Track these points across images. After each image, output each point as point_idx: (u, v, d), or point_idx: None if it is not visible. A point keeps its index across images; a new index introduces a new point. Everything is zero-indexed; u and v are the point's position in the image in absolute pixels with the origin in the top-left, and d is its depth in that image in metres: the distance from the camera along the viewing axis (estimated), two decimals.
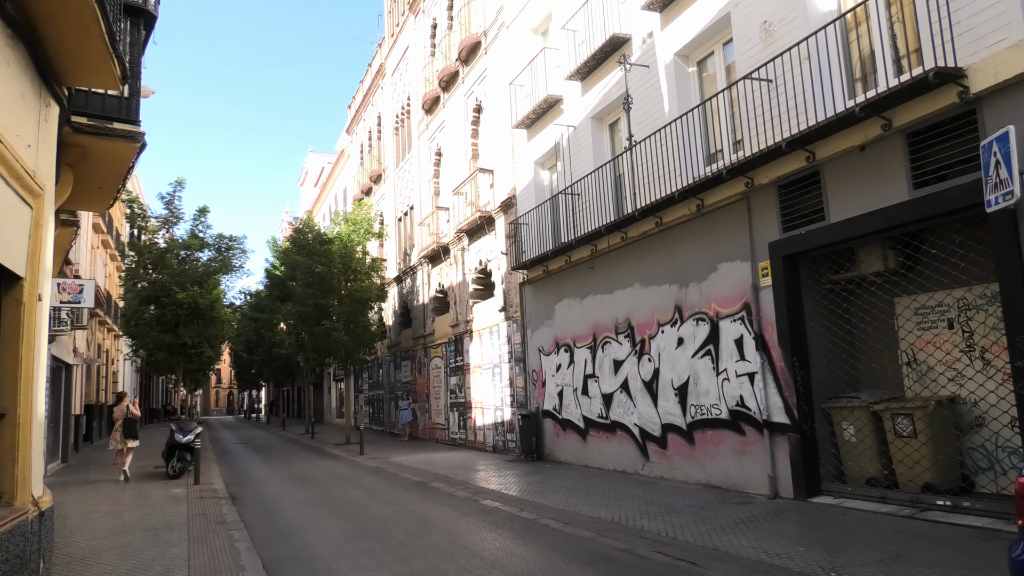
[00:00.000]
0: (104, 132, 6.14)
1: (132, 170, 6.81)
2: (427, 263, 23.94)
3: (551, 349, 15.51)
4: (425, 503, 10.64)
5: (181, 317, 17.91)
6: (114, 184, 7.22)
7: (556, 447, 15.24)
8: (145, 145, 6.38)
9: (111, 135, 6.17)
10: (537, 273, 15.89)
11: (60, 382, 19.47)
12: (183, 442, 14.67)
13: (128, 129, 6.23)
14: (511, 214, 17.48)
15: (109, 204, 8.08)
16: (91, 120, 6.15)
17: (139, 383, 43.63)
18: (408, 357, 26.18)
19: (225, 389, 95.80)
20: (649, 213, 11.45)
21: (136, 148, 6.32)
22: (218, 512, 10.21)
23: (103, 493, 12.67)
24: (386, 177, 29.77)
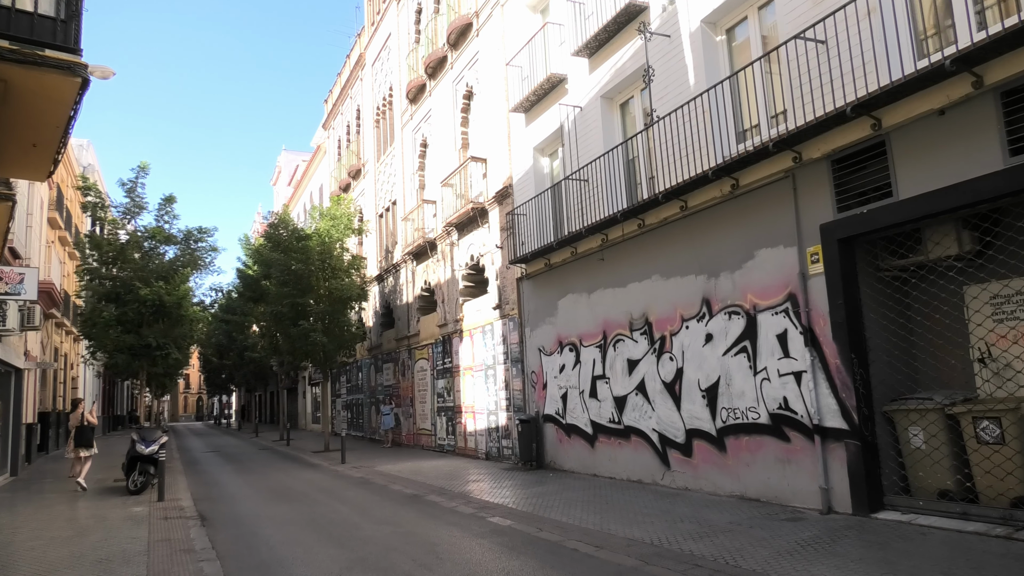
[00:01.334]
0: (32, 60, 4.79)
1: (73, 120, 5.46)
2: (411, 260, 22.61)
3: (553, 348, 14.31)
4: (425, 522, 9.35)
5: (144, 316, 16.33)
6: (52, 140, 5.85)
7: (559, 454, 14.04)
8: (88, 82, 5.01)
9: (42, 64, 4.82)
10: (538, 267, 14.69)
11: (8, 388, 17.77)
12: (145, 454, 13.17)
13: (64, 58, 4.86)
14: (507, 205, 16.27)
15: (49, 171, 6.69)
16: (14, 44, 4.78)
17: (102, 389, 41.45)
18: (390, 359, 24.79)
19: (194, 394, 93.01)
20: (673, 196, 10.32)
21: (76, 86, 4.97)
22: (185, 536, 8.81)
23: (53, 512, 11.15)
24: (366, 172, 28.36)
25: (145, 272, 16.46)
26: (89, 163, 31.18)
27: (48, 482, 15.78)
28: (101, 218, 16.75)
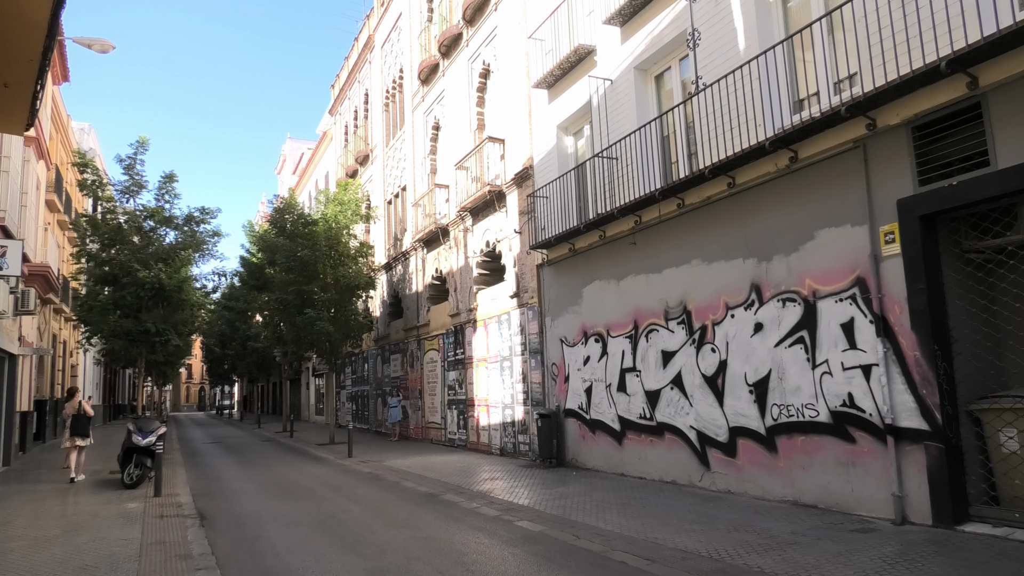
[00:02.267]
0: None
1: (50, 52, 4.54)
2: (422, 247, 21.72)
3: (577, 339, 13.42)
4: (446, 525, 8.49)
5: (143, 300, 15.46)
6: (26, 78, 4.92)
7: (582, 451, 13.17)
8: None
9: None
10: (561, 252, 13.79)
11: (1, 374, 16.94)
12: (142, 445, 12.33)
13: None
14: (527, 187, 15.36)
15: (27, 120, 5.80)
16: None
17: (102, 377, 40.68)
18: (398, 350, 23.93)
19: (196, 384, 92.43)
20: (721, 172, 9.41)
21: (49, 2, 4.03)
22: (181, 539, 7.95)
23: (41, 508, 10.31)
24: (374, 157, 27.46)
25: (144, 254, 15.58)
26: (91, 147, 30.33)
27: (42, 473, 14.97)
28: (99, 197, 15.86)
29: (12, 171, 15.19)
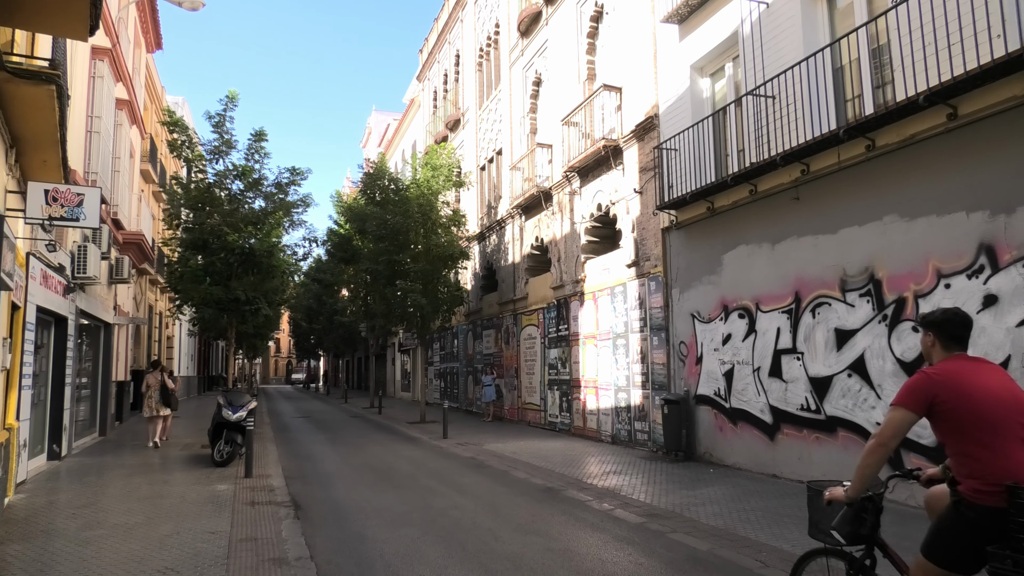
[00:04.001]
0: None
1: None
2: (520, 215, 20.16)
3: (714, 314, 11.55)
4: (584, 534, 6.91)
5: (233, 267, 14.55)
6: None
7: (718, 445, 11.35)
8: None
9: None
10: (695, 213, 11.90)
11: (97, 343, 16.55)
12: (232, 420, 11.37)
13: None
14: (649, 140, 13.49)
15: (89, 22, 4.56)
16: None
17: (196, 349, 41.48)
18: (492, 326, 22.56)
19: (284, 358, 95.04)
20: (938, 100, 7.33)
21: None
22: (275, 535, 6.70)
23: (128, 486, 9.41)
24: (466, 121, 26.03)
25: (234, 218, 14.66)
26: None
27: (134, 446, 14.39)
28: (189, 159, 15.02)
29: (104, 132, 14.49)
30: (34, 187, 6.97)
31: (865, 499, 3.27)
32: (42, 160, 7.31)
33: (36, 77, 5.42)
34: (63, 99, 6.19)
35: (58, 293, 11.33)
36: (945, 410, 2.98)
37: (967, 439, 2.95)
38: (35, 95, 5.68)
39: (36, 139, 6.61)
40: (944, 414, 2.99)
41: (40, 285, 10.03)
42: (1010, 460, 2.84)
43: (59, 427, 12.00)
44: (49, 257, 10.52)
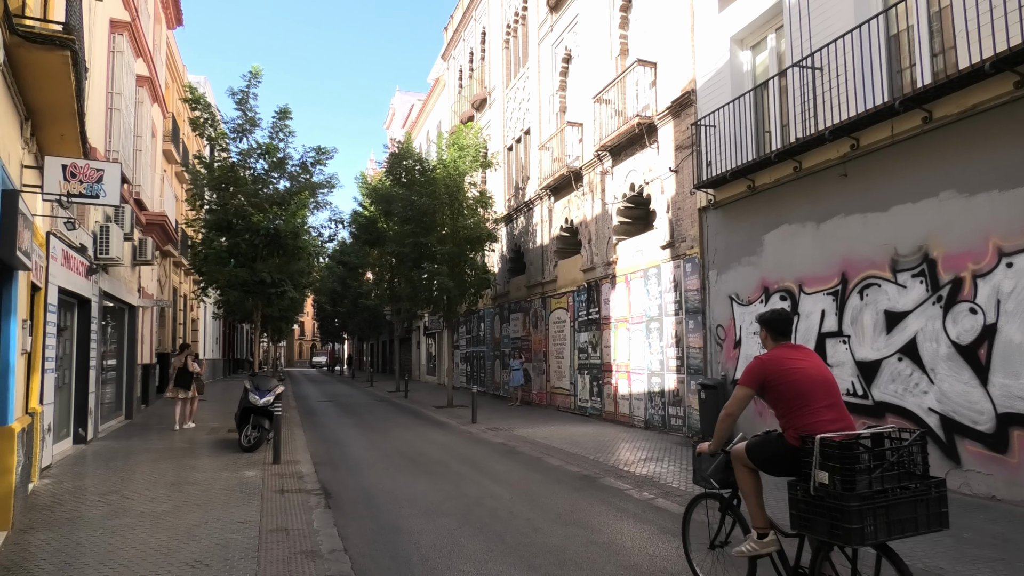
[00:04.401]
0: None
1: None
2: (548, 196, 19.73)
3: (754, 296, 11.11)
4: (627, 525, 6.59)
5: (258, 248, 14.36)
6: None
7: (757, 431, 10.91)
8: None
9: None
10: (734, 192, 11.42)
11: (122, 326, 16.50)
12: (259, 405, 11.20)
13: None
14: (686, 117, 12.98)
15: None
16: None
17: (221, 332, 41.74)
18: (520, 309, 22.24)
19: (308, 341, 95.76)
20: (1006, 67, 6.80)
21: None
22: (306, 525, 6.47)
23: (155, 471, 9.26)
24: (492, 100, 25.56)
25: (259, 199, 14.44)
26: None
27: (160, 429, 14.32)
28: (212, 138, 14.79)
29: (124, 109, 14.29)
30: (51, 162, 6.73)
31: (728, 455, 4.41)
32: (59, 134, 7.07)
33: (49, 42, 5.15)
34: (79, 67, 5.92)
35: (80, 274, 11.19)
36: (773, 386, 3.94)
37: (786, 406, 3.90)
38: (49, 61, 5.41)
39: (52, 111, 6.36)
40: (772, 389, 3.96)
41: (62, 266, 9.88)
42: (811, 420, 3.79)
43: (84, 410, 11.93)
44: (70, 237, 10.35)
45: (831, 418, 3.81)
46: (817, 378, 3.92)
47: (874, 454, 3.49)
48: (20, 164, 6.55)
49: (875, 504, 3.37)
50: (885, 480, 3.45)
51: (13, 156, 6.15)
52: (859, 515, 3.34)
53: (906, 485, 3.48)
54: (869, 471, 3.43)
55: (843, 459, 3.42)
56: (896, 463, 3.50)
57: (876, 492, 3.40)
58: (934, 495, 3.48)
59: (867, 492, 3.39)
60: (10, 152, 5.93)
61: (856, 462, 3.43)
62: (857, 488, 3.39)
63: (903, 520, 3.42)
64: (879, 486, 3.42)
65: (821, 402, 3.84)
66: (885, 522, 3.38)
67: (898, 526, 3.41)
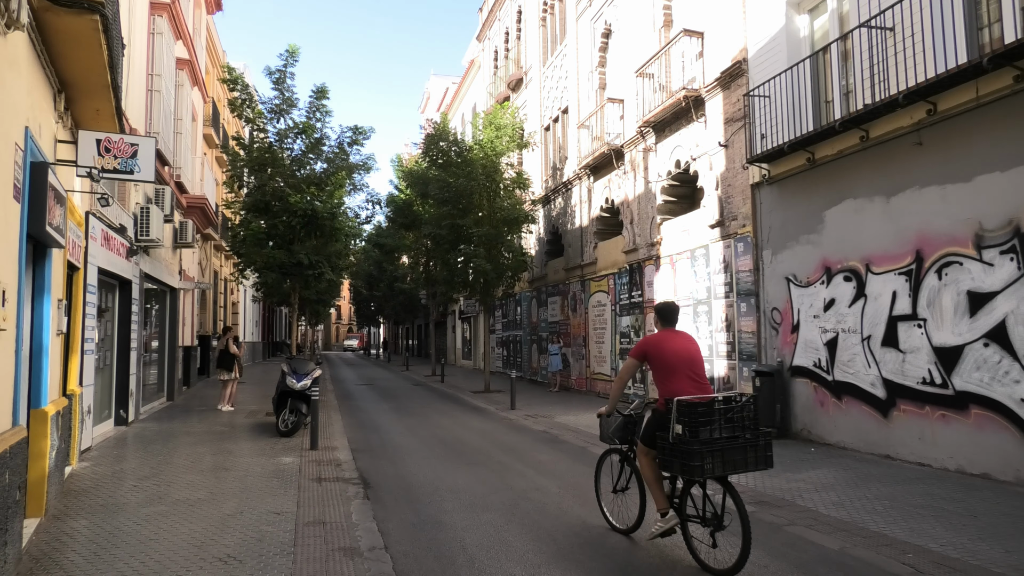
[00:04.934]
0: None
1: None
2: (588, 175, 19.13)
3: (813, 277, 10.44)
4: None
5: (296, 230, 14.11)
6: None
7: (818, 422, 10.33)
8: None
9: None
10: (791, 166, 10.73)
11: (164, 308, 16.48)
12: (296, 389, 10.96)
13: None
14: (736, 88, 12.28)
15: None
16: None
17: (261, 315, 42.11)
18: (557, 292, 21.73)
19: (345, 325, 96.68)
20: None
21: None
22: (344, 519, 6.12)
23: (192, 456, 9.06)
24: (528, 80, 24.94)
25: (296, 180, 14.16)
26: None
27: (201, 411, 14.25)
28: (250, 119, 14.53)
29: (164, 91, 14.13)
30: (85, 136, 6.45)
31: (627, 417, 5.56)
32: (95, 109, 6.77)
33: (77, 5, 4.80)
34: (111, 35, 5.58)
35: (121, 255, 11.04)
36: (651, 359, 5.10)
37: (659, 374, 5.04)
38: (78, 27, 5.07)
39: (84, 83, 6.05)
40: (651, 361, 5.11)
41: (101, 246, 9.70)
42: (675, 387, 4.88)
43: (126, 392, 11.84)
44: (110, 217, 10.18)
45: (690, 387, 4.94)
46: (684, 355, 5.09)
47: (714, 412, 4.69)
48: (53, 138, 6.26)
49: (713, 448, 4.60)
50: (723, 431, 4.68)
51: (45, 128, 5.85)
52: (700, 455, 4.57)
53: (740, 435, 4.73)
54: (710, 424, 4.66)
55: (690, 415, 4.65)
56: (733, 419, 4.72)
57: (715, 439, 4.64)
58: (761, 443, 4.77)
59: (707, 439, 4.63)
60: (41, 124, 5.63)
61: (699, 417, 4.66)
62: (700, 436, 4.63)
63: (735, 460, 4.67)
64: (718, 435, 4.66)
65: (684, 373, 5.01)
66: (721, 461, 4.61)
67: (731, 465, 4.65)
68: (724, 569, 4.65)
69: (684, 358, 5.05)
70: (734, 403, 4.76)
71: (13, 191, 4.52)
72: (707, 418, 4.65)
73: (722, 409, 4.70)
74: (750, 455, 4.71)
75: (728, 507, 4.70)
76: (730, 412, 4.71)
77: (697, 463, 4.54)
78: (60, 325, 6.77)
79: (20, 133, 4.72)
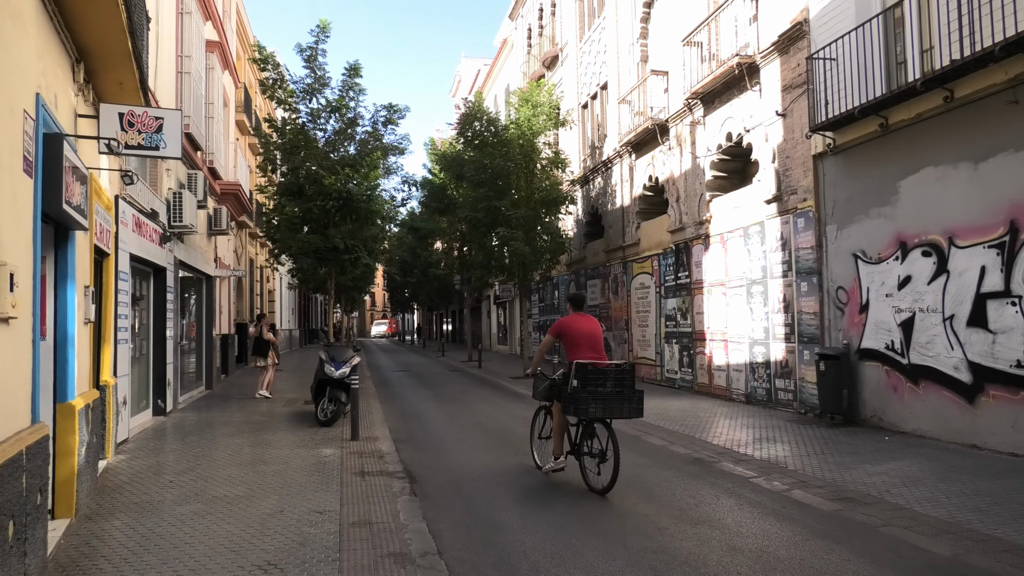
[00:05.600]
0: None
1: None
2: (629, 153, 18.37)
3: (886, 253, 9.65)
4: (770, 525, 5.50)
5: (331, 213, 13.69)
6: None
7: (891, 408, 9.58)
8: None
9: None
10: (860, 133, 9.92)
11: (200, 296, 16.26)
12: (335, 377, 10.56)
13: None
14: (796, 52, 11.44)
15: None
16: None
17: (296, 303, 42.18)
18: (597, 275, 21.06)
19: (379, 312, 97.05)
20: None
21: None
22: (392, 518, 5.65)
23: (230, 449, 8.70)
24: (564, 57, 24.14)
25: (331, 161, 13.72)
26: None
27: (239, 400, 13.99)
28: (282, 100, 14.09)
29: (194, 73, 13.76)
30: (107, 109, 6.02)
31: (552, 381, 7.10)
32: (117, 82, 6.34)
33: None
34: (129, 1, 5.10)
35: (154, 242, 10.72)
36: (563, 336, 6.91)
37: (568, 347, 6.86)
38: None
39: (103, 51, 5.59)
40: (563, 338, 6.91)
41: (133, 232, 9.35)
42: (577, 355, 6.69)
43: (163, 382, 11.58)
44: (141, 202, 9.83)
45: (590, 355, 6.71)
46: (586, 333, 6.87)
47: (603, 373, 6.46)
48: (73, 112, 5.84)
49: (595, 397, 6.35)
50: (606, 386, 6.42)
51: (62, 99, 5.42)
52: (586, 402, 6.32)
53: (627, 393, 6.47)
54: (599, 382, 6.41)
55: (582, 373, 6.40)
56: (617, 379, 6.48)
57: (599, 392, 6.38)
58: (635, 398, 6.48)
59: (592, 391, 6.37)
60: (57, 94, 5.20)
61: (589, 375, 6.41)
62: (587, 389, 6.36)
63: (613, 408, 6.41)
64: (602, 389, 6.40)
65: (585, 345, 6.78)
66: (603, 408, 6.36)
67: (610, 411, 6.40)
68: (602, 487, 6.39)
69: (587, 335, 6.90)
70: (619, 368, 6.55)
71: (23, 163, 4.06)
72: (595, 376, 6.43)
73: (610, 371, 6.50)
74: (626, 406, 6.46)
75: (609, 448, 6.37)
76: (617, 374, 6.51)
77: (583, 407, 6.36)
78: (88, 313, 6.39)
79: (30, 100, 4.26)
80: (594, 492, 6.41)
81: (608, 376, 6.42)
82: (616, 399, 6.39)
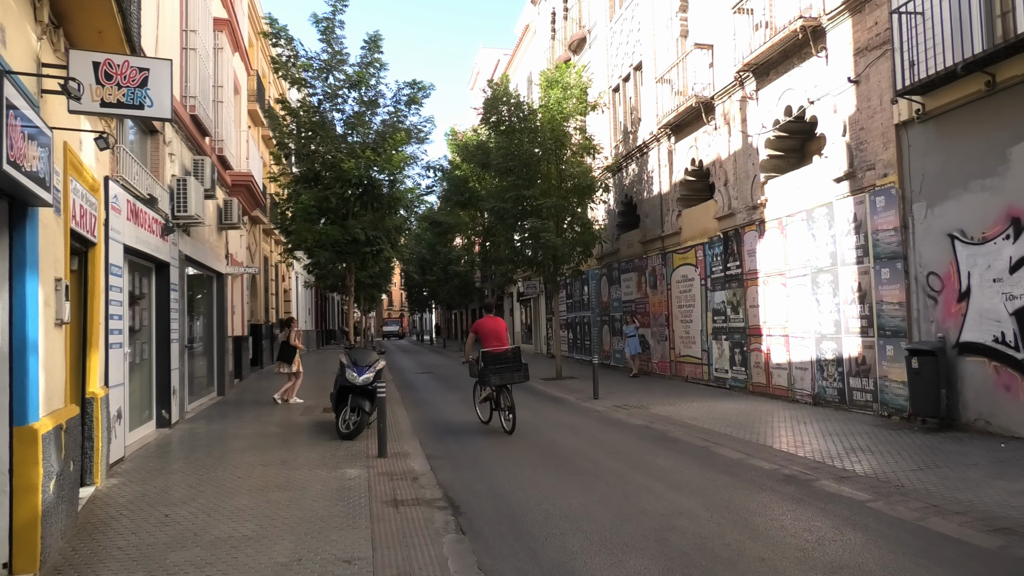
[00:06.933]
0: None
1: None
2: (668, 136, 17.05)
3: (992, 232, 8.31)
4: (922, 570, 4.24)
5: (350, 202, 12.52)
6: None
7: (1002, 410, 8.24)
8: None
9: None
10: (958, 95, 8.57)
11: (211, 295, 15.17)
12: (358, 384, 9.39)
13: None
14: (872, 9, 10.10)
15: None
16: None
17: (313, 303, 41.19)
18: (633, 268, 19.76)
19: (396, 311, 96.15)
20: None
21: None
22: (438, 566, 4.44)
23: (241, 469, 7.55)
24: (592, 39, 22.83)
25: (350, 144, 12.56)
26: None
27: (254, 408, 12.87)
28: (296, 79, 12.91)
29: (201, 51, 12.64)
30: (78, 56, 4.86)
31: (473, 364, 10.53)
32: (96, 30, 5.18)
33: None
34: None
35: (155, 233, 9.60)
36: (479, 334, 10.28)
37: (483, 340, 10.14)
38: None
39: None
40: (480, 334, 10.27)
41: (128, 220, 8.23)
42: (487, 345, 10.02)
43: (167, 390, 10.46)
44: (136, 186, 8.69)
45: (493, 344, 9.97)
46: (491, 330, 10.21)
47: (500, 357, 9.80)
48: (35, 59, 4.69)
49: (494, 370, 9.66)
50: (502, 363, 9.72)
51: (15, 37, 4.28)
52: (490, 374, 9.68)
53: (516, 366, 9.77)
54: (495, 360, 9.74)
55: (487, 358, 9.75)
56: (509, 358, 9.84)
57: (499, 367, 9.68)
58: (523, 370, 9.76)
59: (493, 366, 9.67)
60: (5, 27, 4.03)
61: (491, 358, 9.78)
62: (490, 365, 9.68)
63: (508, 376, 9.67)
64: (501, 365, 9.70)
65: (492, 338, 10.07)
66: (500, 377, 9.65)
67: (506, 378, 9.67)
68: (508, 430, 9.61)
69: (492, 331, 10.17)
70: (509, 350, 9.89)
71: None
72: (494, 358, 9.72)
73: (504, 354, 9.80)
74: (516, 375, 9.69)
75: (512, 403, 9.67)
76: (511, 354, 9.85)
77: (488, 377, 9.67)
78: (60, 312, 5.24)
79: None
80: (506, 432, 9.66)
81: (502, 357, 9.74)
82: (509, 371, 9.66)
